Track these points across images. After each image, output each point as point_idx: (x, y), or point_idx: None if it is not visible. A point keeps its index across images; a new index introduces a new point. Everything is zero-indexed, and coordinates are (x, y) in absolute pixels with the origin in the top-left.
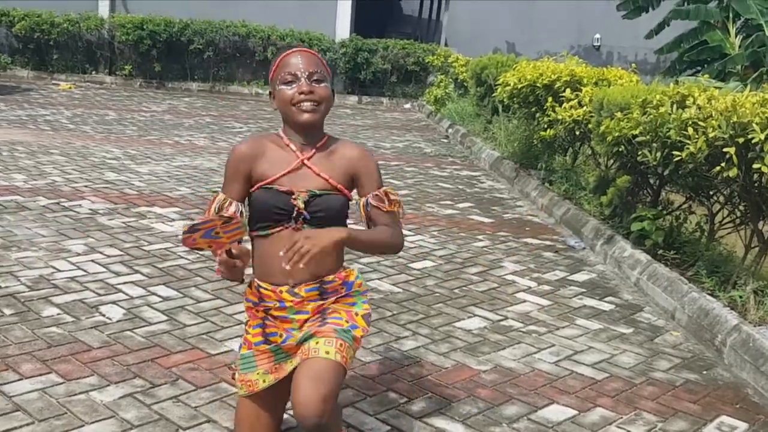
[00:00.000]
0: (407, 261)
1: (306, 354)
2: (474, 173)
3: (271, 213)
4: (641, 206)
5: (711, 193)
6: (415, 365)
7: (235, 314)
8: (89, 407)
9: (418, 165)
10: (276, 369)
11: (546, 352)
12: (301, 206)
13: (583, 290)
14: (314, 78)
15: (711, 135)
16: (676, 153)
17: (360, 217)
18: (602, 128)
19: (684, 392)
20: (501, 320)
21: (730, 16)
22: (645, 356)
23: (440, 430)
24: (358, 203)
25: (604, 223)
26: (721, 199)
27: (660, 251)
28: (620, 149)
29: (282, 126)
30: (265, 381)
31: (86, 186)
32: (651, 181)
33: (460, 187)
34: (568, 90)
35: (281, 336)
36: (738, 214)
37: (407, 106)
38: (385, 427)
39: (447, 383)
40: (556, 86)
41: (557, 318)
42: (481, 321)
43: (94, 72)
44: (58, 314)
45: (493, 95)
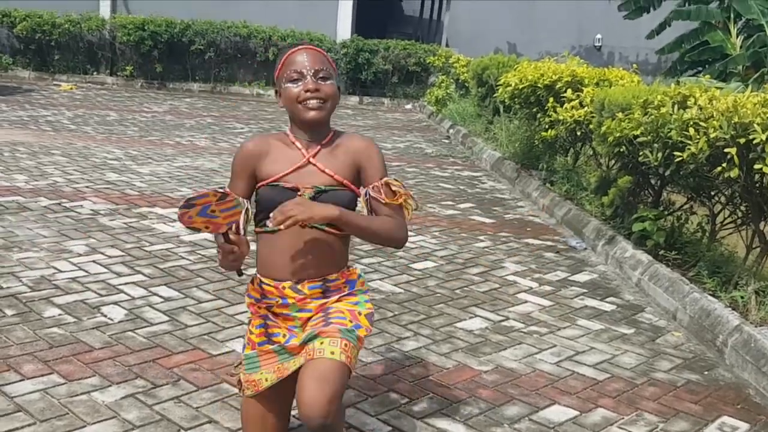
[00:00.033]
0: (408, 261)
1: (311, 354)
2: (475, 174)
3: None
4: (642, 207)
5: (712, 194)
6: (417, 366)
7: (237, 315)
8: (91, 408)
9: (420, 165)
10: (279, 369)
11: (547, 353)
12: None
13: (585, 291)
14: (320, 75)
15: (712, 135)
16: (678, 153)
17: (363, 208)
18: (603, 129)
19: (685, 393)
20: (502, 321)
21: (731, 17)
22: (646, 357)
23: (441, 431)
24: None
25: (606, 224)
26: (723, 200)
27: (661, 252)
28: (621, 150)
29: (289, 125)
30: (268, 380)
31: (87, 186)
32: (652, 182)
33: (462, 188)
34: (570, 90)
35: (284, 336)
36: (739, 215)
37: (408, 107)
38: (387, 428)
39: (448, 384)
40: (558, 87)
41: (558, 318)
42: (483, 321)
43: (96, 73)
44: (60, 315)
45: (495, 96)
